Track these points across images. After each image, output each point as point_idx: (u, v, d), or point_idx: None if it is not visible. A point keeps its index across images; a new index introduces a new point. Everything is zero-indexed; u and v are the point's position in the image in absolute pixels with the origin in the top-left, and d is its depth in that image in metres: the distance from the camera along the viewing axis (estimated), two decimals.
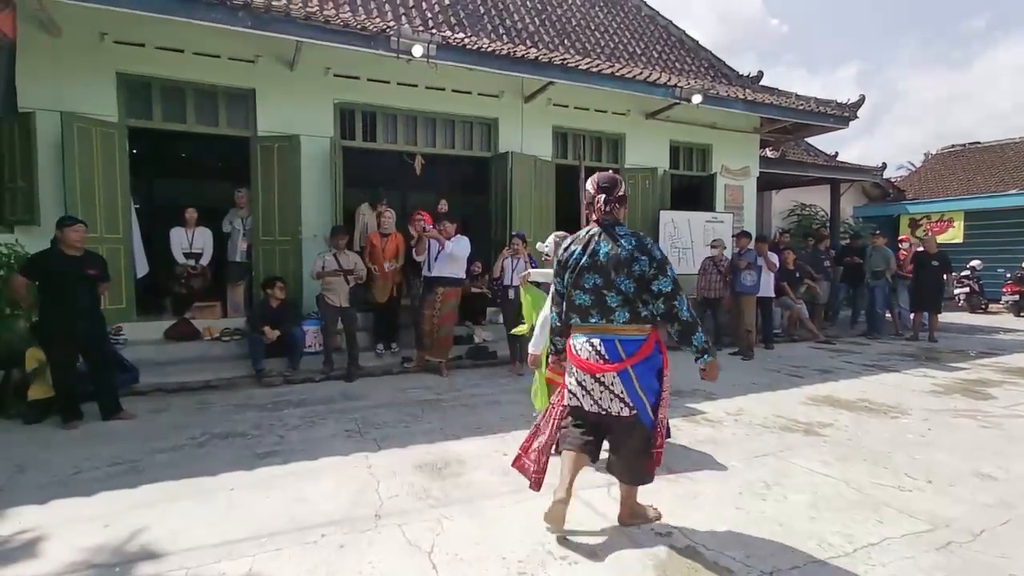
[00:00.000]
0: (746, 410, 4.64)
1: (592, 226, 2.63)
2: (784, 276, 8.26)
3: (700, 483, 3.14)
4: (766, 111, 8.78)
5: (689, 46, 10.47)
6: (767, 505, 2.87)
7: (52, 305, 4.13)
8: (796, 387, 5.49)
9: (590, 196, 2.66)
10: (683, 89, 7.79)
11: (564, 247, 2.66)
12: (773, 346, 7.77)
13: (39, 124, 5.50)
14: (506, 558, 2.35)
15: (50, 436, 3.96)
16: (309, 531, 2.57)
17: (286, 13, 5.66)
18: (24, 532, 2.55)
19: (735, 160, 9.79)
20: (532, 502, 2.89)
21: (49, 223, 5.00)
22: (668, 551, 2.42)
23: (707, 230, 9.00)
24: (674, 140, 9.35)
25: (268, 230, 6.66)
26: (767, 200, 13.99)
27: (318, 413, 4.55)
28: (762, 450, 3.67)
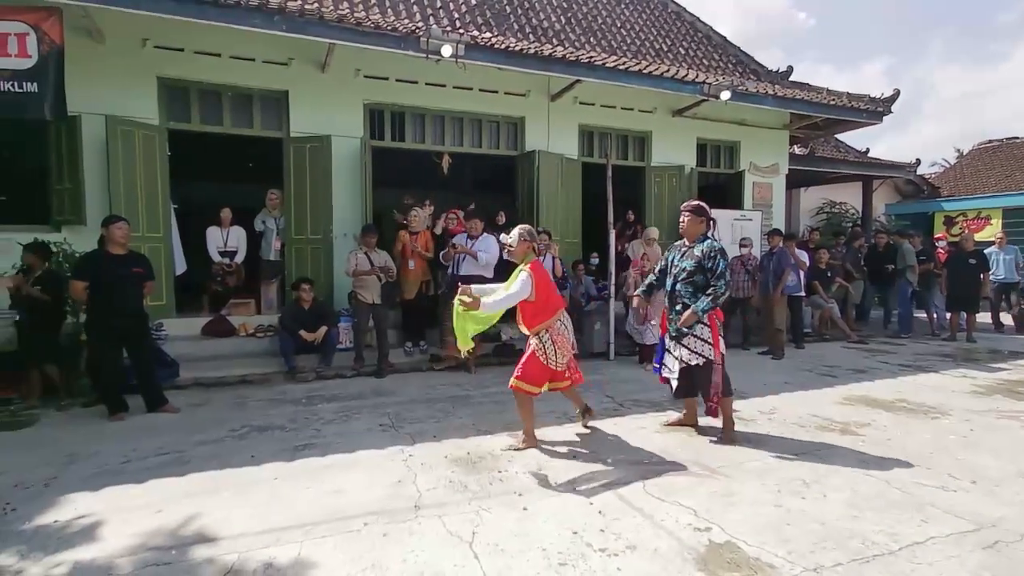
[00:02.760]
0: (779, 409, 4.58)
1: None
2: (815, 275, 8.11)
3: (736, 480, 3.12)
4: (797, 107, 8.64)
5: (716, 42, 10.35)
6: (806, 503, 2.84)
7: (100, 303, 4.29)
8: (830, 387, 5.39)
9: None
10: (711, 86, 7.71)
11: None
12: (804, 346, 7.64)
13: (84, 127, 5.73)
14: (546, 549, 2.38)
15: (99, 428, 4.13)
16: (351, 520, 2.63)
17: (320, 16, 5.78)
18: (81, 517, 2.67)
19: (764, 157, 9.65)
20: (567, 496, 2.92)
21: (94, 223, 5.20)
22: (708, 545, 2.42)
23: (735, 228, 8.88)
24: (701, 137, 9.26)
25: (300, 229, 6.81)
26: (795, 198, 13.75)
27: (351, 408, 4.64)
28: (798, 449, 3.63)
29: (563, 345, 3.65)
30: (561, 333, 3.64)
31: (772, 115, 9.37)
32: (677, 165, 9.00)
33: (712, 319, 3.69)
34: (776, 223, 9.55)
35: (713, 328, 3.69)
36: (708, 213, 3.83)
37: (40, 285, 4.72)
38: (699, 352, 3.70)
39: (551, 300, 3.65)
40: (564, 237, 8.07)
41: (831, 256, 8.68)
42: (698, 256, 3.72)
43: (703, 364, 3.70)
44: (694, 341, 3.71)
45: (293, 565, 2.25)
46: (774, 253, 7.24)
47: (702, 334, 3.69)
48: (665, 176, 8.92)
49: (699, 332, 3.69)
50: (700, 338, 3.69)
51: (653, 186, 8.87)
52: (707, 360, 3.68)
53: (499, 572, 2.22)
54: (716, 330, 3.70)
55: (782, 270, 7.08)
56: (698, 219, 3.80)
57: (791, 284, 7.23)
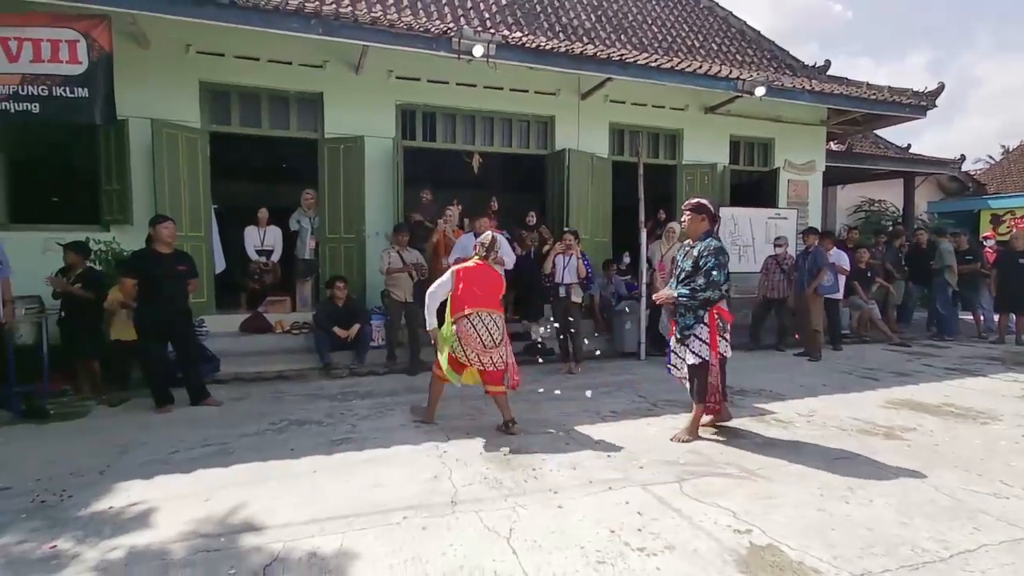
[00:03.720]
0: (819, 412, 4.47)
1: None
2: (855, 275, 7.89)
3: (776, 483, 3.06)
4: (836, 102, 8.41)
5: (750, 37, 10.15)
6: (851, 508, 2.76)
7: (148, 300, 4.46)
8: (871, 390, 5.24)
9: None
10: (745, 82, 7.57)
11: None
12: (841, 347, 7.43)
13: (132, 130, 5.95)
14: (584, 547, 2.38)
15: (147, 420, 4.29)
16: (391, 514, 2.67)
17: (354, 19, 5.88)
18: (135, 505, 2.78)
19: (800, 154, 9.43)
20: (602, 495, 2.91)
21: (141, 222, 5.41)
22: (749, 547, 2.38)
23: (769, 227, 8.70)
24: (734, 135, 9.10)
25: (334, 228, 6.94)
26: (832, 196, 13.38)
27: (385, 404, 4.71)
28: (841, 452, 3.54)
29: (468, 342, 3.85)
30: (467, 331, 3.84)
31: (808, 111, 9.14)
32: (709, 163, 8.86)
33: (712, 319, 3.63)
34: (812, 222, 9.31)
35: (711, 329, 3.63)
36: (710, 210, 3.73)
37: (81, 283, 4.93)
38: (697, 353, 3.66)
39: (466, 299, 3.88)
40: (594, 236, 8.03)
41: (871, 255, 8.42)
42: (695, 255, 3.65)
43: (699, 364, 3.67)
44: (695, 342, 3.67)
45: (336, 555, 2.31)
46: (810, 252, 7.07)
47: (701, 334, 3.66)
48: (697, 174, 8.79)
49: (699, 332, 3.66)
50: (699, 338, 3.66)
51: (685, 184, 8.75)
52: (703, 361, 3.64)
53: (537, 568, 2.23)
54: (715, 331, 3.64)
55: (818, 269, 6.90)
56: (698, 217, 3.72)
57: (827, 285, 7.05)
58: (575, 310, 6.04)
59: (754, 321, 7.74)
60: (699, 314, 3.65)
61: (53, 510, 2.74)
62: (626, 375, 5.89)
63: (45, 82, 5.22)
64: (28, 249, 5.35)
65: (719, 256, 3.59)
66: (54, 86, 5.25)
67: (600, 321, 7.61)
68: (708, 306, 3.62)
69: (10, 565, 2.24)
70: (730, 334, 3.84)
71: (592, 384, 5.41)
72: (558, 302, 6.14)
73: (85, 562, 2.26)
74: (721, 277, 3.59)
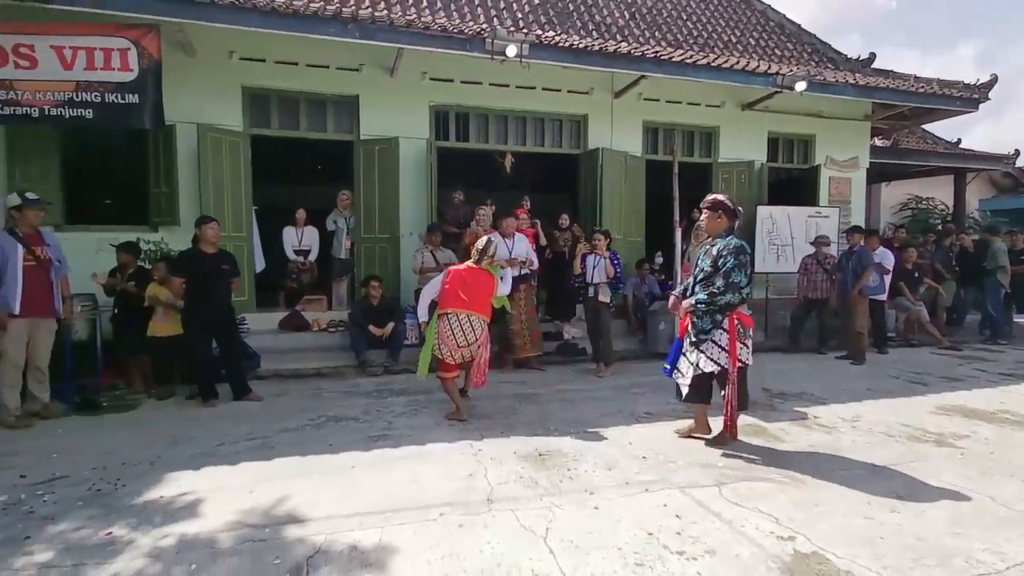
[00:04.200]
0: (864, 417, 4.32)
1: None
2: (901, 275, 7.59)
3: (820, 490, 2.97)
4: (881, 96, 8.11)
5: (790, 31, 9.88)
6: (901, 517, 2.66)
7: (195, 299, 4.63)
8: (920, 395, 5.03)
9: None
10: (785, 77, 7.37)
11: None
12: (887, 351, 7.16)
13: (178, 135, 6.18)
14: (621, 549, 2.36)
15: (194, 413, 4.46)
16: (428, 510, 2.70)
17: (390, 22, 5.98)
18: (184, 495, 2.88)
19: (842, 150, 9.13)
20: (640, 496, 2.88)
21: (187, 223, 5.60)
22: (793, 555, 2.32)
23: (809, 225, 8.44)
24: (773, 131, 8.88)
25: (369, 228, 7.06)
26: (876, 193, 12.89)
27: (420, 402, 4.76)
28: (889, 459, 3.41)
29: (443, 339, 4.18)
30: (444, 329, 4.18)
31: (852, 106, 8.84)
32: (746, 161, 8.66)
33: (732, 324, 3.42)
34: (855, 220, 9.00)
35: (731, 334, 3.42)
36: (728, 207, 3.54)
37: (132, 281, 5.15)
38: (715, 360, 3.46)
39: (449, 299, 4.21)
40: (627, 236, 7.95)
41: (919, 255, 8.09)
42: (714, 255, 3.47)
43: (719, 373, 3.47)
44: (712, 347, 3.46)
45: (376, 549, 2.35)
46: (854, 251, 6.83)
47: (720, 340, 3.45)
48: (733, 172, 8.60)
49: (717, 337, 3.45)
50: (718, 344, 3.45)
51: (720, 183, 8.57)
52: (723, 369, 3.45)
53: (575, 568, 2.22)
54: (735, 336, 3.42)
55: (862, 269, 6.66)
56: (715, 215, 3.54)
57: (872, 285, 6.80)
58: (604, 310, 6.01)
59: (793, 323, 7.53)
60: (718, 318, 3.43)
61: (108, 498, 2.87)
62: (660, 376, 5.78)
63: (98, 89, 5.47)
64: (83, 249, 5.61)
65: (739, 255, 3.38)
66: (106, 93, 5.49)
67: (633, 321, 7.53)
68: (728, 310, 3.42)
69: (69, 551, 2.36)
70: (751, 340, 3.60)
71: (625, 385, 5.37)
72: (587, 302, 6.13)
73: (139, 548, 2.36)
74: (742, 278, 3.38)
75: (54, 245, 4.38)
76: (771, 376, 5.66)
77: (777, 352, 7.12)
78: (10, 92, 5.26)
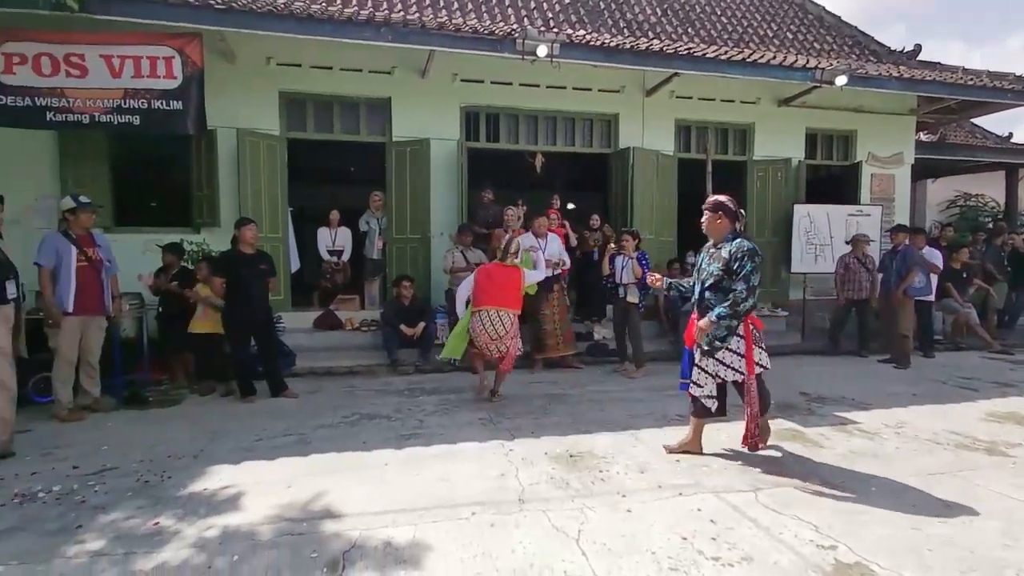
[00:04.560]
0: (909, 423, 4.16)
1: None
2: (949, 276, 7.28)
3: (863, 498, 2.87)
4: (927, 89, 7.78)
5: (830, 23, 9.58)
6: (949, 528, 2.55)
7: (234, 297, 4.78)
8: (969, 401, 4.82)
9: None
10: (824, 71, 7.14)
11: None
12: (933, 355, 6.87)
13: (219, 139, 6.38)
14: (655, 553, 2.33)
15: (233, 409, 4.60)
16: (460, 509, 2.72)
17: (421, 25, 6.04)
18: (226, 488, 2.98)
19: (885, 146, 8.80)
20: (673, 500, 2.84)
21: (227, 224, 5.77)
22: (834, 564, 2.25)
23: (850, 224, 8.16)
24: (811, 127, 8.62)
25: (401, 229, 7.16)
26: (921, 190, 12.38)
27: (451, 401, 4.80)
28: (936, 468, 3.28)
29: (477, 334, 4.66)
30: (476, 325, 4.64)
31: (895, 100, 8.52)
32: (783, 158, 8.43)
33: (747, 329, 3.26)
34: (899, 218, 8.68)
35: (747, 340, 3.26)
36: (728, 208, 3.34)
37: (177, 281, 5.34)
38: (735, 367, 3.29)
39: (481, 296, 4.67)
40: (659, 236, 7.85)
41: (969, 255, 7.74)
42: (725, 258, 3.26)
43: (741, 382, 3.31)
44: (729, 355, 3.29)
45: (410, 546, 2.38)
46: (898, 251, 6.57)
47: (737, 347, 3.28)
48: (769, 170, 8.39)
49: (734, 345, 3.28)
50: (733, 351, 3.28)
51: (756, 181, 8.38)
52: (744, 376, 3.29)
53: (608, 571, 2.20)
54: (751, 341, 3.26)
55: (907, 269, 6.41)
56: (715, 216, 3.35)
57: (918, 286, 6.54)
58: (633, 311, 5.97)
59: (833, 324, 7.31)
60: (733, 324, 3.26)
61: (155, 489, 2.98)
62: None
63: (144, 96, 5.69)
64: (131, 250, 5.84)
65: (755, 258, 3.22)
66: (152, 99, 5.70)
67: (664, 322, 7.43)
68: (744, 315, 3.25)
69: (119, 539, 2.46)
70: (764, 342, 3.45)
71: (657, 386, 5.31)
72: (617, 302, 6.09)
73: (184, 539, 2.45)
74: (757, 282, 3.26)
75: (104, 246, 4.58)
76: (809, 379, 5.50)
77: (816, 355, 6.92)
78: (62, 100, 5.51)
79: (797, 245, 8.08)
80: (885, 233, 7.75)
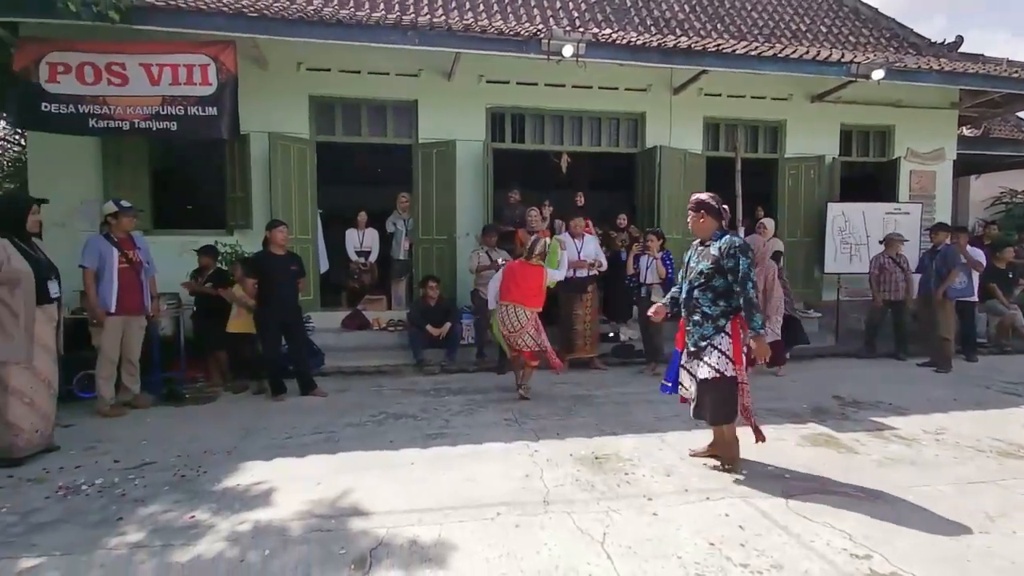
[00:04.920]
0: (949, 429, 4.01)
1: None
2: (993, 276, 6.98)
3: (900, 507, 2.78)
4: (969, 82, 7.47)
5: (866, 15, 9.30)
6: (991, 538, 2.46)
7: (266, 298, 4.90)
8: (1014, 406, 4.62)
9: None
10: (860, 65, 6.92)
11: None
12: (976, 358, 6.60)
13: (252, 144, 6.55)
14: (682, 558, 2.30)
15: (265, 407, 4.72)
16: (485, 509, 2.74)
17: (448, 28, 6.08)
18: (259, 484, 3.06)
19: (925, 142, 8.49)
20: (700, 504, 2.80)
21: (260, 226, 5.92)
22: (869, 574, 2.18)
23: (887, 223, 7.89)
24: (845, 123, 8.37)
25: (427, 230, 7.22)
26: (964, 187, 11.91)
27: (476, 402, 4.83)
28: (977, 476, 3.16)
29: (502, 327, 4.97)
30: (500, 317, 4.97)
31: (936, 94, 8.20)
32: (816, 155, 8.21)
33: (735, 328, 3.15)
34: (940, 216, 8.35)
35: (735, 339, 3.13)
36: (711, 205, 3.21)
37: (211, 282, 5.50)
38: (717, 367, 3.12)
39: (503, 292, 4.96)
40: (687, 236, 7.68)
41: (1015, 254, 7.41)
42: (715, 255, 3.13)
43: (716, 379, 3.13)
44: (715, 355, 3.14)
45: (435, 545, 2.40)
46: (938, 251, 6.33)
47: (722, 345, 3.14)
48: (801, 168, 8.18)
49: (719, 342, 3.14)
50: (721, 350, 3.13)
51: (787, 179, 8.18)
52: (721, 375, 3.11)
53: (633, 575, 2.19)
54: (738, 340, 3.13)
55: (947, 270, 6.17)
56: (698, 215, 3.25)
57: (960, 287, 6.29)
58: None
59: (869, 326, 7.09)
60: (720, 323, 3.14)
61: (191, 484, 3.08)
62: None
63: (181, 103, 5.86)
64: (168, 251, 6.03)
65: (748, 253, 3.11)
66: (189, 106, 5.87)
67: None
68: (733, 314, 3.14)
69: (157, 532, 2.55)
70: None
71: None
72: (641, 303, 6.05)
73: (219, 533, 2.53)
74: (754, 276, 3.15)
75: (143, 248, 4.75)
76: (843, 383, 5.35)
77: (850, 358, 6.72)
78: (104, 107, 5.72)
79: (831, 245, 7.86)
80: (925, 232, 7.49)
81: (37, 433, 3.47)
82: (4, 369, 3.31)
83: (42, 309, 3.49)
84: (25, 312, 3.34)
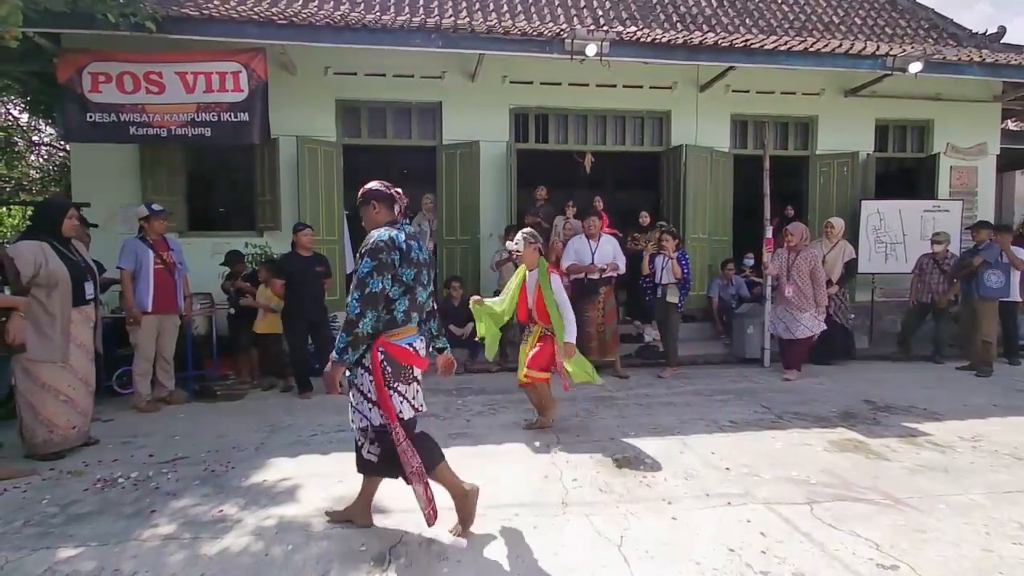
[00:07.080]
0: (986, 436, 3.85)
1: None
2: None
3: (930, 515, 2.69)
4: (1013, 74, 7.14)
5: (903, 6, 8.98)
6: None
7: (293, 297, 5.02)
8: None
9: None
10: (896, 58, 6.68)
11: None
12: (1020, 361, 6.33)
13: (281, 147, 6.72)
14: (700, 563, 2.28)
15: (291, 404, 4.84)
16: (504, 508, 2.76)
17: (471, 30, 6.12)
18: (284, 480, 3.15)
19: (966, 136, 8.16)
20: (721, 509, 2.76)
21: (288, 228, 6.06)
22: None
23: (925, 221, 7.62)
24: (880, 118, 8.10)
25: (451, 230, 7.28)
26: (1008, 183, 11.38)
27: (497, 402, 4.85)
28: (1013, 485, 3.03)
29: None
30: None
31: (977, 86, 7.88)
32: (849, 152, 7.97)
33: (375, 360, 2.32)
34: (983, 214, 8.01)
35: (376, 375, 2.33)
36: (381, 193, 2.54)
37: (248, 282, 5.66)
38: (363, 413, 2.42)
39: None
40: (712, 235, 7.61)
41: None
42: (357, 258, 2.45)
43: (374, 430, 2.44)
44: (357, 396, 2.43)
45: (453, 544, 2.44)
46: (980, 250, 6.08)
47: (363, 385, 2.39)
48: (834, 165, 7.96)
49: (360, 381, 2.39)
50: (362, 391, 2.40)
51: (819, 177, 7.97)
52: (377, 427, 2.41)
53: None
54: (380, 379, 2.33)
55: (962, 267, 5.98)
56: (369, 208, 2.57)
57: (996, 286, 6.02)
58: (672, 311, 5.84)
59: (904, 328, 6.85)
60: (360, 350, 2.31)
61: (220, 479, 3.19)
62: (747, 383, 5.51)
63: (215, 109, 6.05)
64: (201, 252, 6.25)
65: (379, 254, 2.28)
66: (222, 112, 6.06)
67: (718, 324, 7.21)
68: (366, 341, 2.29)
69: (187, 525, 2.65)
70: (419, 384, 2.56)
71: (708, 391, 5.17)
72: (657, 303, 5.99)
73: (245, 527, 2.61)
74: (380, 287, 2.26)
75: (177, 249, 4.93)
76: (876, 387, 5.20)
77: (885, 360, 6.51)
78: (143, 115, 5.95)
79: (865, 244, 7.62)
80: (966, 230, 7.20)
81: (74, 429, 3.61)
82: (39, 367, 3.45)
83: (79, 310, 3.64)
84: (62, 313, 3.49)
